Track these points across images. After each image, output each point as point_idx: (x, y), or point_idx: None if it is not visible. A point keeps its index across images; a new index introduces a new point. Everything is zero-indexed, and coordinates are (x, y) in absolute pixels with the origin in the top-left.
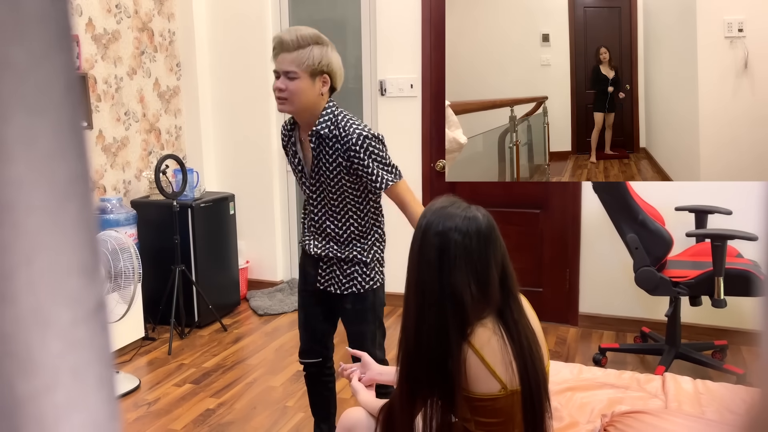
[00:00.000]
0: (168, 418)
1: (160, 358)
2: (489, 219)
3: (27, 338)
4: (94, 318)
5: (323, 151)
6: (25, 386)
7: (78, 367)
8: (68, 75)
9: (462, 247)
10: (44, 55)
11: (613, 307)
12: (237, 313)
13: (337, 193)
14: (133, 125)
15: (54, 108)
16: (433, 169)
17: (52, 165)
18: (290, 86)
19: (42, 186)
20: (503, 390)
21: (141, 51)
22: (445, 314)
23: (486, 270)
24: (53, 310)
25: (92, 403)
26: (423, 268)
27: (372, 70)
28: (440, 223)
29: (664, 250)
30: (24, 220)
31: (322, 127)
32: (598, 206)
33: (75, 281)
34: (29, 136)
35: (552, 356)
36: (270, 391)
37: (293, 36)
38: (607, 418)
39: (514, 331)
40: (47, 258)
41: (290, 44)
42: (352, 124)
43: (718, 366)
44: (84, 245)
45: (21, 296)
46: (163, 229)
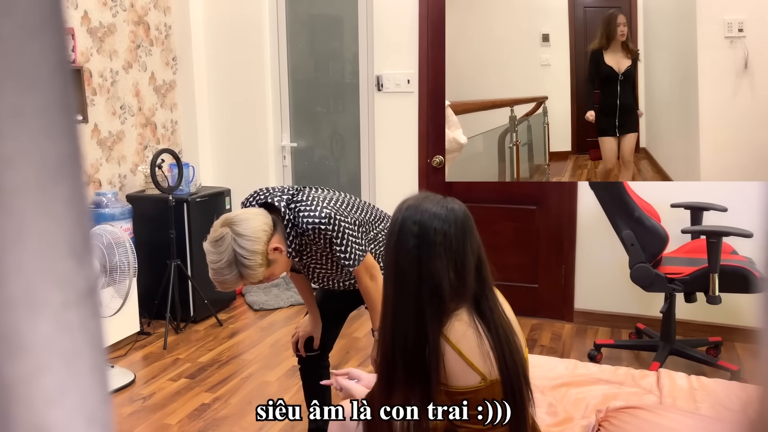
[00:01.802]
0: (163, 413)
1: (155, 352)
2: (465, 209)
3: (16, 320)
4: (85, 302)
5: (302, 257)
6: (14, 369)
7: (69, 351)
8: (59, 54)
9: (442, 233)
10: (35, 32)
11: (608, 303)
12: (232, 308)
13: (328, 263)
14: (128, 119)
15: (44, 86)
16: (429, 164)
17: (42, 144)
18: (268, 275)
19: (32, 165)
20: (483, 381)
21: (137, 45)
22: (422, 302)
23: (464, 258)
24: (43, 293)
25: (84, 387)
26: (401, 258)
27: (369, 65)
28: (418, 213)
29: (659, 246)
30: (13, 200)
31: (295, 245)
32: (594, 203)
33: (66, 263)
34: (18, 114)
35: (547, 352)
36: (265, 386)
37: (230, 277)
38: (601, 414)
39: (490, 321)
40: (37, 239)
41: (232, 282)
42: (307, 220)
43: (712, 362)
44: (75, 228)
45: (10, 278)
46: (159, 224)
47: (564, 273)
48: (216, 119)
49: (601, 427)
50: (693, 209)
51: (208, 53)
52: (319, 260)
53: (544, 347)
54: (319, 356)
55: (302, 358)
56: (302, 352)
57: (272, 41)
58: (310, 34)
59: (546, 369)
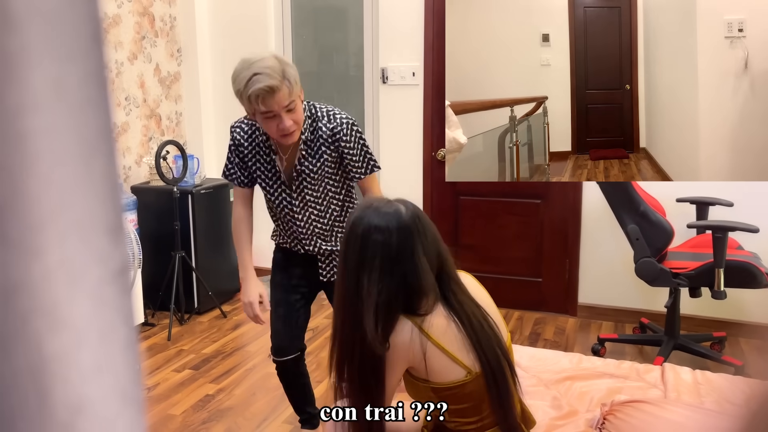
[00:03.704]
0: (167, 404)
1: (159, 343)
2: (413, 211)
3: (56, 294)
4: (119, 279)
5: (308, 151)
6: (54, 343)
7: (105, 328)
8: (95, 24)
9: (380, 244)
10: (72, 1)
11: (612, 297)
12: (236, 300)
13: (320, 186)
14: (133, 111)
15: (82, 56)
16: (434, 158)
17: (81, 115)
18: (295, 117)
19: (71, 137)
20: (469, 375)
21: (142, 36)
22: (362, 314)
23: (413, 263)
24: (82, 267)
25: (118, 364)
26: (349, 270)
27: (374, 57)
28: (360, 225)
29: (664, 241)
30: (53, 172)
31: (309, 134)
32: (599, 197)
33: (104, 239)
34: (58, 85)
35: (551, 346)
36: (269, 377)
37: (275, 74)
38: (606, 407)
39: (462, 313)
40: (76, 212)
41: (278, 85)
42: (334, 114)
43: (716, 357)
44: (111, 203)
45: (51, 250)
46: (164, 215)
47: (568, 267)
48: (221, 111)
49: (606, 421)
50: (698, 204)
51: (213, 45)
52: (313, 184)
53: (547, 341)
54: (295, 360)
55: (279, 363)
56: (261, 319)
57: (277, 33)
58: (315, 25)
59: (550, 363)
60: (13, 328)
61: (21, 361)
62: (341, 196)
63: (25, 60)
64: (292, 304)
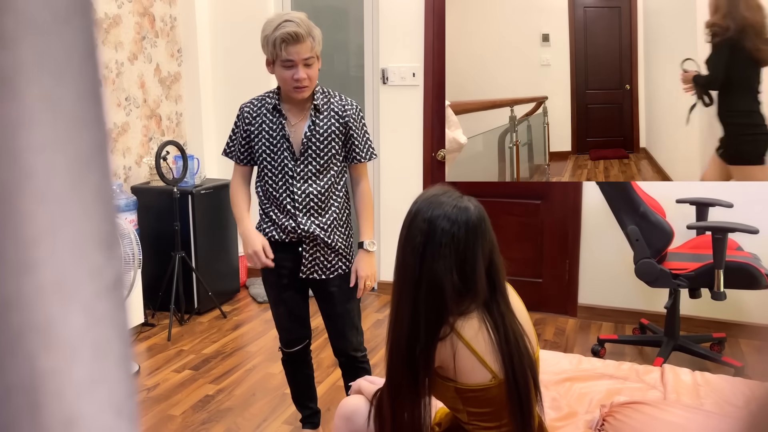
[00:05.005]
0: (167, 404)
1: (159, 344)
2: (480, 211)
3: (49, 310)
4: (114, 293)
5: (318, 117)
6: (47, 360)
7: (99, 343)
8: (90, 39)
9: (449, 235)
10: (67, 16)
11: (612, 298)
12: (236, 300)
13: (323, 157)
14: (133, 111)
15: (77, 72)
16: (434, 158)
17: (75, 131)
18: (310, 73)
19: (65, 153)
20: (494, 379)
21: (142, 36)
22: (419, 301)
23: (472, 261)
24: (75, 282)
25: (112, 379)
26: (407, 253)
27: (374, 58)
28: (430, 209)
29: (664, 242)
30: (47, 187)
31: (322, 102)
32: (599, 198)
33: (97, 254)
34: (53, 100)
35: (551, 347)
36: (269, 378)
37: (303, 25)
38: (606, 409)
39: (500, 324)
40: (70, 228)
41: (304, 34)
42: (345, 96)
43: (716, 358)
44: (104, 217)
45: (43, 266)
46: (164, 216)
47: (568, 268)
48: (221, 111)
49: (606, 422)
50: (698, 205)
51: (214, 45)
52: (318, 154)
53: (547, 342)
54: (307, 344)
55: (290, 354)
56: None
57: None
58: (315, 25)
59: (550, 364)
60: (6, 344)
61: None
62: (340, 176)
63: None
64: (289, 300)
